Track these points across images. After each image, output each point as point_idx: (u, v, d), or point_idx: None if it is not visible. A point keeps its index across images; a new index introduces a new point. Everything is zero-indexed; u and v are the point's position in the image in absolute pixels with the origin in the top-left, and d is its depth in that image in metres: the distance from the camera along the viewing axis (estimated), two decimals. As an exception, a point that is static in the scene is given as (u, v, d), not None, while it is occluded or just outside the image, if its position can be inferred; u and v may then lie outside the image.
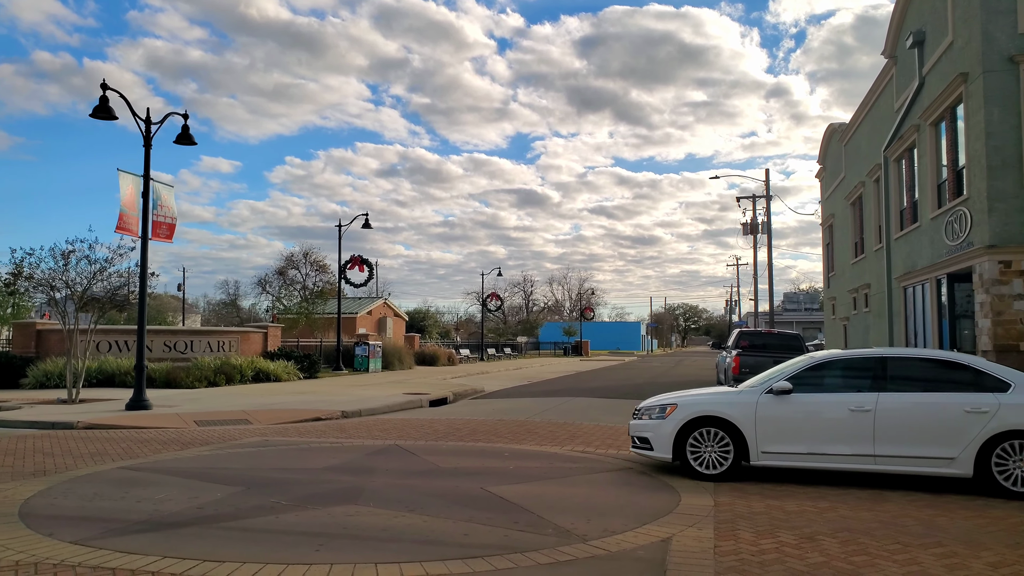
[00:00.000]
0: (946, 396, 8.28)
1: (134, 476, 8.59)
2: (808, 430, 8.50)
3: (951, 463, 8.04)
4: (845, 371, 8.95)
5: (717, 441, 8.72)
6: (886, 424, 8.24)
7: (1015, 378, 8.27)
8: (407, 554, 5.48)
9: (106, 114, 15.31)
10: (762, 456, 8.61)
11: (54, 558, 5.35)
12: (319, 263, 48.91)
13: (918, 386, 8.51)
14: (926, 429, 8.15)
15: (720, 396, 9.20)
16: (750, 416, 8.64)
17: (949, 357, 8.99)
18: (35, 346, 24.77)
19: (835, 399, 8.55)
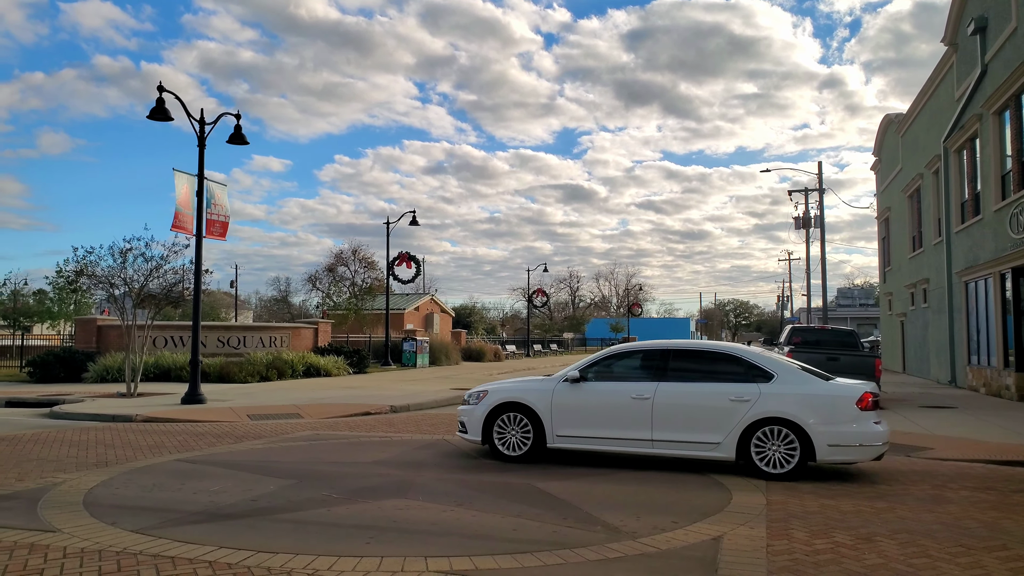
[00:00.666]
0: (716, 386, 8.87)
1: (190, 468, 8.81)
2: (596, 416, 9.20)
3: (717, 447, 8.69)
4: (633, 362, 9.69)
5: (519, 425, 9.44)
6: (662, 411, 8.89)
7: (779, 369, 8.89)
8: (456, 548, 5.50)
9: (162, 116, 15.71)
10: (557, 439, 9.33)
11: (117, 546, 5.51)
12: (367, 260, 49.55)
13: (695, 376, 9.08)
14: (696, 416, 8.81)
15: (525, 384, 9.93)
16: (547, 402, 9.35)
17: (723, 349, 9.55)
18: (96, 341, 25.60)
19: (621, 388, 9.22)
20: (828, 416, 8.41)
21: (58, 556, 5.28)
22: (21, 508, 6.74)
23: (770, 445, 8.49)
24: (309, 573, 4.91)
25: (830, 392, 8.64)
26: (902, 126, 31.12)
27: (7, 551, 5.40)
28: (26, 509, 6.69)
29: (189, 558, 5.21)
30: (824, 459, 8.45)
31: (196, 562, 5.12)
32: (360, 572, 4.93)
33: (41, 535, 5.83)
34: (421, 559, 5.20)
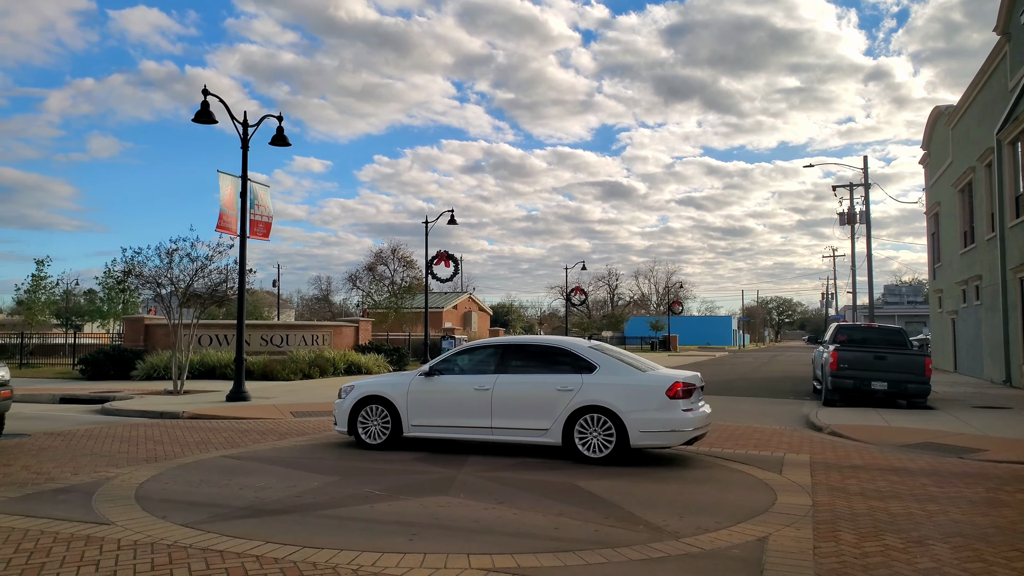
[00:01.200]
0: (546, 377, 9.63)
1: (236, 464, 8.97)
2: (445, 406, 9.97)
3: (545, 433, 9.39)
4: (478, 357, 10.37)
5: (380, 416, 10.22)
6: (500, 401, 9.64)
7: (602, 361, 9.58)
8: (498, 546, 5.51)
9: (207, 119, 16.01)
10: (412, 428, 10.11)
11: (167, 539, 5.64)
12: (406, 259, 49.99)
13: (530, 369, 9.84)
14: (528, 405, 9.55)
15: (386, 379, 11.01)
16: (404, 396, 10.15)
17: (554, 343, 10.25)
18: (144, 340, 26.23)
19: (466, 380, 9.99)
20: (640, 404, 9.06)
21: (113, 548, 5.42)
22: (77, 501, 6.94)
23: (591, 431, 9.19)
24: (353, 569, 4.96)
25: (643, 382, 9.29)
26: (952, 118, 30.28)
27: (65, 542, 5.57)
28: (81, 502, 6.89)
29: (237, 552, 5.31)
30: (637, 443, 9.06)
31: (244, 556, 5.22)
32: (403, 568, 4.97)
33: (96, 527, 6.00)
34: (464, 556, 5.22)
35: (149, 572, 4.88)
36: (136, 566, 5.01)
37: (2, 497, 7.12)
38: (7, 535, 5.78)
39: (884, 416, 14.69)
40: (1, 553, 5.30)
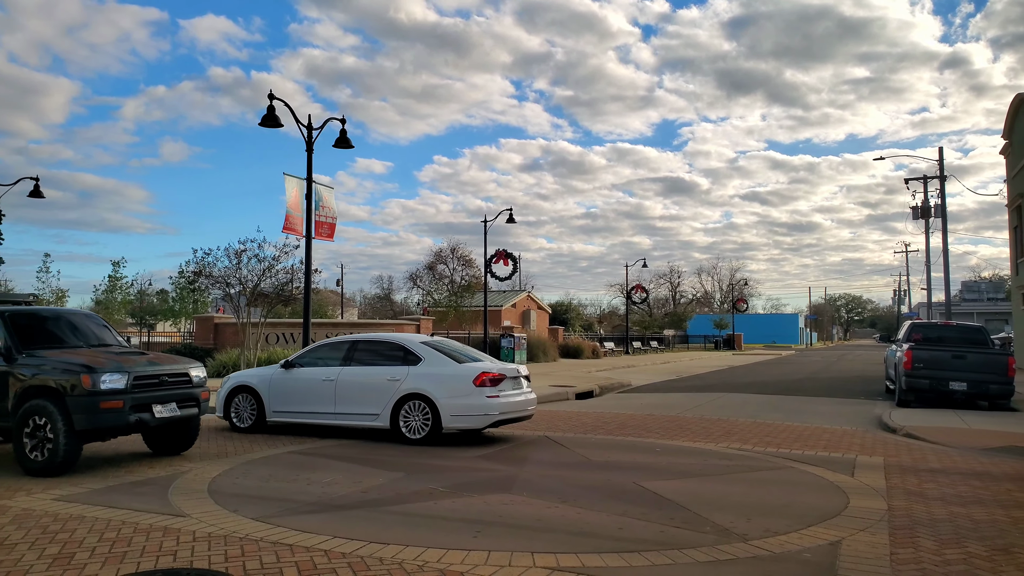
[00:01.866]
0: (380, 368, 10.99)
1: (303, 460, 9.16)
2: (299, 395, 11.37)
3: (377, 418, 10.72)
4: (329, 352, 11.72)
5: (249, 404, 11.73)
6: (343, 390, 11.03)
7: (427, 354, 10.91)
8: (562, 545, 5.48)
9: (273, 122, 16.39)
10: (273, 414, 11.58)
11: (239, 532, 5.79)
12: (465, 258, 50.24)
13: (370, 362, 11.17)
14: (365, 393, 10.88)
15: (254, 371, 12.66)
16: (266, 386, 11.65)
17: (391, 339, 11.70)
18: (213, 338, 27.06)
19: (317, 372, 11.37)
20: (452, 391, 10.38)
21: (188, 539, 5.59)
22: (154, 494, 7.19)
23: (412, 416, 10.50)
24: (419, 565, 5.00)
25: (455, 372, 10.62)
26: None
27: (144, 533, 5.77)
28: (158, 495, 7.13)
29: (306, 546, 5.41)
30: (448, 426, 10.34)
31: (312, 550, 5.32)
32: (468, 566, 4.99)
33: (172, 519, 6.20)
34: (528, 554, 5.21)
35: (223, 563, 5.02)
36: (211, 557, 5.16)
37: (86, 488, 7.43)
38: (91, 524, 6.02)
39: (963, 418, 14.10)
40: (86, 542, 5.53)
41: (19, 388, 8.34)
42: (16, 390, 8.35)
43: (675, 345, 67.38)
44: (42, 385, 8.22)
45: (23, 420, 8.15)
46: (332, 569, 4.92)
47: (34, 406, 8.11)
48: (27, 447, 8.13)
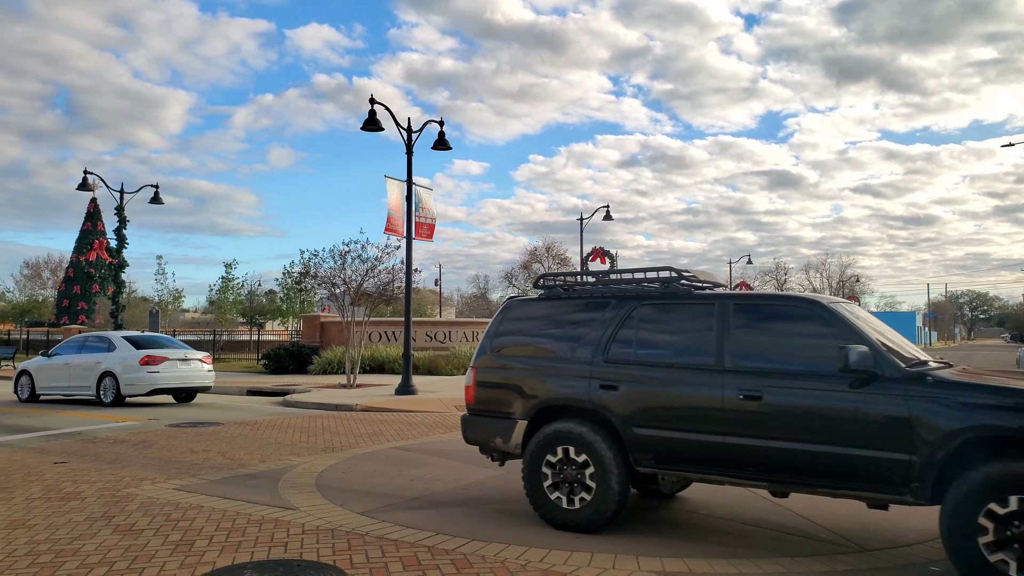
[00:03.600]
0: (93, 355, 15.93)
1: (406, 456, 9.32)
2: (52, 376, 16.46)
3: (88, 390, 15.77)
4: (73, 344, 16.95)
5: (28, 384, 16.80)
6: (74, 371, 16.07)
7: (120, 344, 15.84)
8: (667, 549, 5.32)
9: (374, 126, 16.83)
10: (40, 390, 16.67)
11: (346, 526, 5.92)
12: (560, 256, 50.21)
13: (91, 351, 16.17)
14: (83, 373, 15.94)
15: (34, 360, 17.41)
16: (36, 369, 16.78)
17: (104, 335, 16.93)
18: (319, 336, 28.05)
19: (62, 359, 16.42)
20: (126, 369, 15.40)
21: (298, 532, 5.76)
22: (265, 486, 7.47)
23: (105, 387, 15.55)
24: (522, 564, 4.96)
25: (128, 355, 15.53)
26: None
27: (257, 524, 5.99)
28: (269, 487, 7.40)
29: (410, 542, 5.47)
30: (124, 392, 15.39)
31: (416, 546, 5.37)
32: (572, 567, 4.91)
33: (283, 511, 6.41)
34: (632, 558, 5.08)
35: (331, 557, 5.13)
36: (319, 550, 5.29)
37: (204, 480, 7.80)
38: (209, 514, 6.30)
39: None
40: (204, 531, 5.78)
41: None
42: None
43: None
44: None
45: None
46: (436, 565, 4.94)
47: None
48: None
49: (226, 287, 45.88)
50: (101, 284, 44.38)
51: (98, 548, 5.34)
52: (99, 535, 5.68)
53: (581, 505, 5.71)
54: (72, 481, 7.72)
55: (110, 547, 5.36)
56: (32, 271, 60.27)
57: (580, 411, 5.95)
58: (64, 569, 4.89)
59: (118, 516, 6.25)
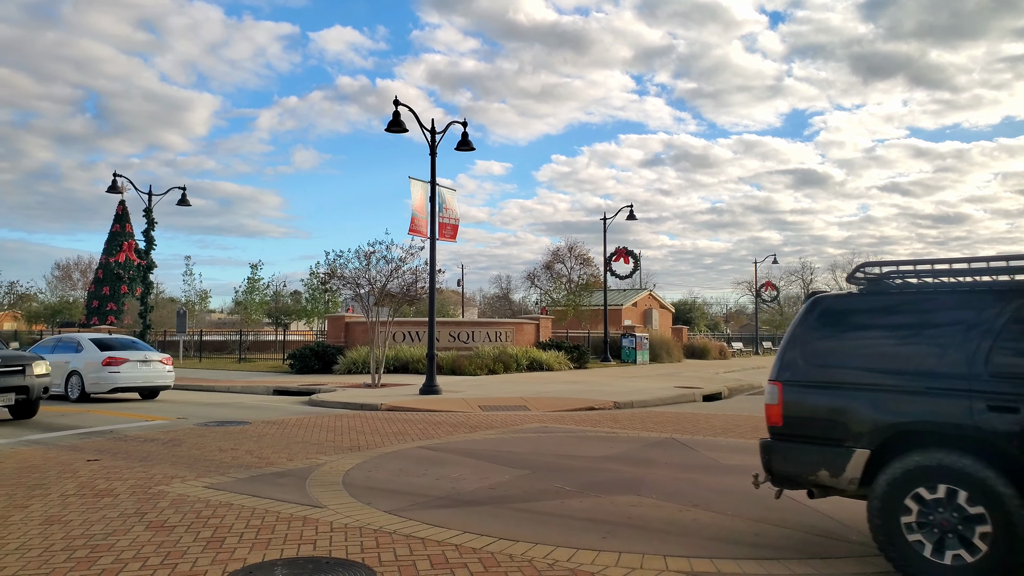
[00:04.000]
0: (64, 355, 17.15)
1: (432, 455, 9.36)
2: None
3: (60, 387, 16.70)
4: (50, 344, 18.16)
5: None
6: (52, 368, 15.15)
7: (87, 346, 17.21)
8: (695, 549, 5.30)
9: (398, 128, 16.92)
10: None
11: (373, 524, 5.97)
12: (583, 256, 50.01)
13: (63, 351, 17.37)
14: (58, 371, 16.21)
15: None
16: None
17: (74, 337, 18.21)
18: (344, 336, 28.25)
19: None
20: (90, 369, 16.69)
21: (326, 530, 5.81)
22: (292, 485, 7.54)
23: (72, 385, 16.81)
24: (549, 563, 4.97)
25: (93, 357, 16.77)
26: None
27: (286, 521, 6.05)
28: (297, 486, 7.47)
29: (437, 540, 5.50)
30: (89, 390, 16.64)
31: (444, 544, 5.39)
32: (599, 567, 4.90)
33: (311, 509, 6.47)
34: (660, 558, 5.07)
35: (359, 554, 5.18)
36: (347, 548, 5.33)
37: (233, 478, 7.89)
38: (239, 512, 6.38)
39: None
40: (235, 528, 5.85)
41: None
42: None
43: (806, 345, 63.97)
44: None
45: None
46: (463, 563, 4.97)
47: None
48: None
49: (252, 288, 46.31)
50: (130, 285, 45.06)
51: (132, 544, 5.43)
52: (132, 531, 5.77)
53: (956, 563, 4.48)
54: (105, 478, 7.85)
55: (143, 543, 5.45)
56: (63, 272, 61.37)
57: (952, 438, 4.69)
58: (100, 564, 4.98)
59: (150, 513, 6.35)
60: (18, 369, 12.95)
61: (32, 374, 13.08)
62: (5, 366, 12.82)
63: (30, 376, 13.04)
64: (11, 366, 12.92)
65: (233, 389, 20.39)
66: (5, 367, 12.81)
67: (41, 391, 13.32)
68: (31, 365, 13.16)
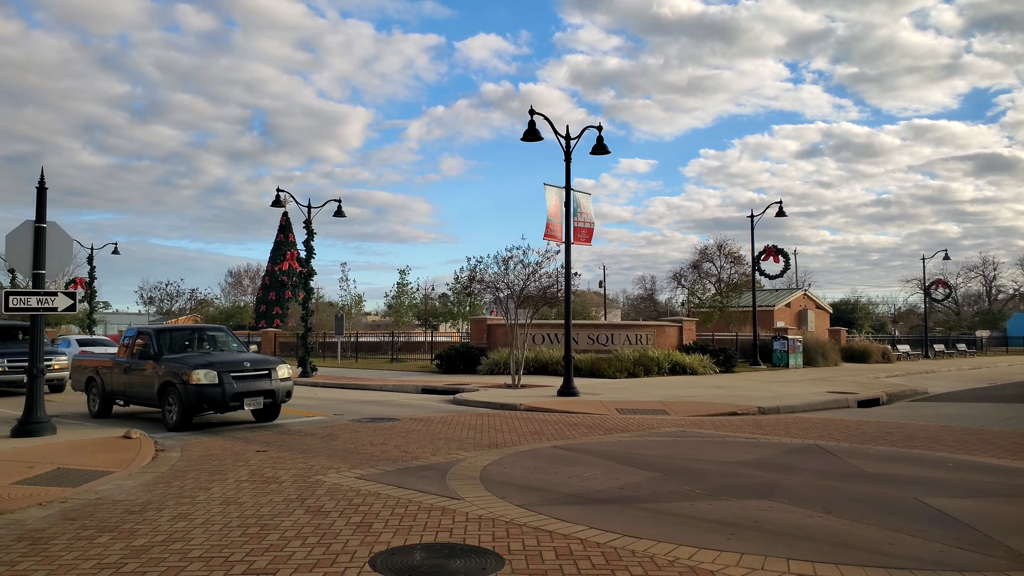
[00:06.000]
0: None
1: (565, 455, 9.65)
2: None
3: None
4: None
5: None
6: None
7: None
8: (821, 555, 5.26)
9: (534, 136, 17.40)
10: None
11: (505, 516, 6.34)
12: (734, 255, 48.56)
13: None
14: None
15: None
16: None
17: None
18: (486, 338, 29.18)
19: None
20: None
21: (462, 520, 6.25)
22: (434, 477, 8.08)
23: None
24: (670, 560, 5.12)
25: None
26: None
27: (426, 511, 6.56)
28: (438, 479, 8.00)
29: (564, 534, 5.78)
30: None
31: (569, 538, 5.67)
32: (719, 565, 5.00)
33: (449, 501, 6.95)
34: (783, 560, 5.08)
35: (491, 543, 5.55)
36: (480, 536, 5.73)
37: (381, 470, 8.55)
38: (385, 501, 6.96)
39: None
40: (381, 515, 6.42)
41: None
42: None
43: (989, 348, 58.47)
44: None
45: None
46: (586, 556, 5.22)
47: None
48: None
49: (401, 292, 48.69)
50: (293, 291, 48.70)
51: (293, 525, 6.11)
52: (294, 514, 6.47)
53: None
54: (272, 467, 8.75)
55: (303, 524, 6.11)
56: (235, 279, 67.28)
57: None
58: (267, 540, 5.66)
59: (309, 499, 7.06)
60: (265, 373, 12.88)
61: (277, 378, 12.98)
62: (254, 370, 12.79)
63: (275, 380, 12.94)
64: (259, 370, 12.85)
65: (385, 387, 21.65)
66: (254, 371, 12.78)
67: (284, 395, 13.17)
68: (275, 369, 13.05)
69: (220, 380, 12.18)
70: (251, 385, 12.59)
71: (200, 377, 12.05)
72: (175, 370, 12.36)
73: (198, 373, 12.07)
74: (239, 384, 12.38)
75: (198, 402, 12.11)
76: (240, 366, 12.69)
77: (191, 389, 12.02)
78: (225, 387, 12.17)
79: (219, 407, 12.32)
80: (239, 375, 12.50)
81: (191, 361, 12.57)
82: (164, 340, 13.82)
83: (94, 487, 7.61)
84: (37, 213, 11.32)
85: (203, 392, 12.04)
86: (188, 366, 12.27)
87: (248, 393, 12.50)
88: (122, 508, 6.74)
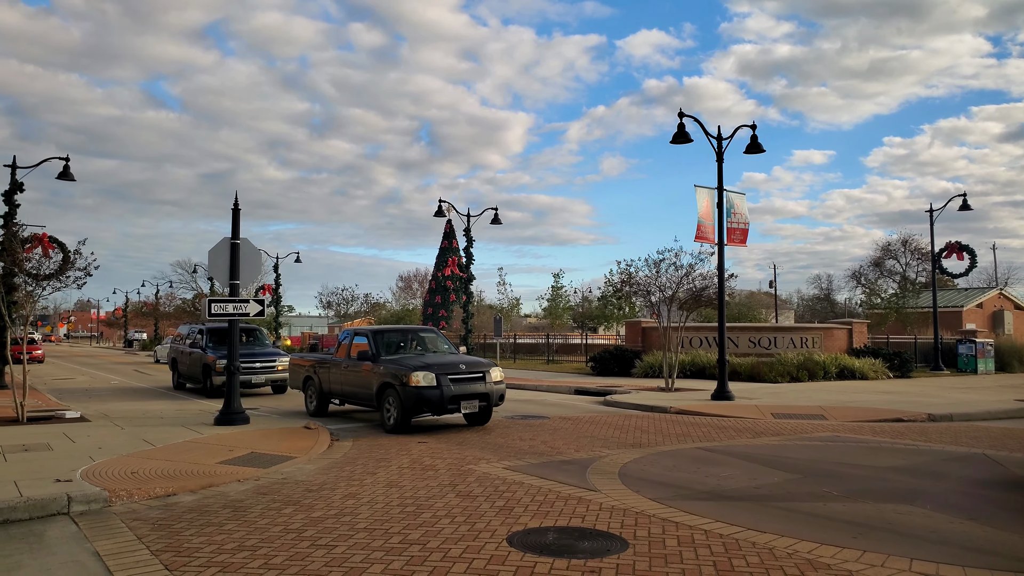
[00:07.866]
0: None
1: (707, 456, 9.83)
2: None
3: None
4: None
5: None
6: None
7: None
8: (949, 557, 5.24)
9: (683, 139, 17.45)
10: None
11: (636, 507, 6.75)
12: (920, 251, 45.16)
13: None
14: None
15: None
16: None
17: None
18: (641, 341, 29.24)
19: None
20: None
21: (596, 509, 6.74)
22: (575, 471, 8.60)
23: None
24: (789, 553, 5.32)
25: None
26: None
27: (563, 500, 7.11)
28: (578, 473, 8.52)
29: (689, 525, 6.11)
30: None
31: (694, 528, 6.00)
32: (838, 560, 5.15)
33: (586, 492, 7.44)
34: (905, 560, 5.14)
35: (618, 529, 6.00)
36: (609, 523, 6.19)
37: (527, 462, 9.20)
38: (527, 489, 7.58)
39: None
40: (522, 501, 7.04)
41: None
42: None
43: None
44: None
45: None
46: (707, 545, 5.53)
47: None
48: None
49: (556, 295, 49.63)
50: (456, 294, 51.01)
51: (444, 506, 6.86)
52: (446, 497, 7.23)
53: None
54: (430, 456, 9.65)
55: (453, 506, 6.85)
56: (405, 283, 71.26)
57: None
58: (421, 518, 6.44)
59: (460, 485, 7.81)
60: (480, 376, 12.64)
61: (491, 380, 12.70)
62: (470, 372, 12.57)
63: (489, 383, 12.65)
64: (475, 372, 12.63)
65: (539, 388, 22.41)
66: (470, 373, 12.55)
67: (497, 399, 12.84)
68: (489, 371, 12.78)
69: (438, 382, 11.98)
70: (467, 388, 12.34)
71: (419, 379, 11.85)
72: (394, 371, 12.28)
73: (417, 375, 11.88)
74: (456, 387, 12.16)
75: (417, 404, 11.92)
76: (456, 368, 12.51)
77: (410, 391, 11.85)
78: (443, 389, 11.97)
79: (437, 409, 12.10)
80: (455, 377, 12.29)
81: (410, 363, 12.46)
82: (380, 341, 13.85)
83: (280, 469, 8.80)
84: (232, 230, 13.06)
85: (422, 394, 11.85)
86: (408, 368, 12.13)
87: (464, 396, 12.25)
88: (303, 487, 7.82)
